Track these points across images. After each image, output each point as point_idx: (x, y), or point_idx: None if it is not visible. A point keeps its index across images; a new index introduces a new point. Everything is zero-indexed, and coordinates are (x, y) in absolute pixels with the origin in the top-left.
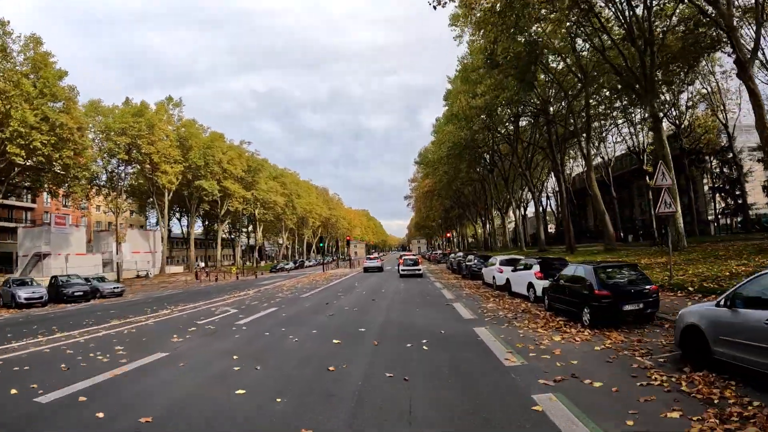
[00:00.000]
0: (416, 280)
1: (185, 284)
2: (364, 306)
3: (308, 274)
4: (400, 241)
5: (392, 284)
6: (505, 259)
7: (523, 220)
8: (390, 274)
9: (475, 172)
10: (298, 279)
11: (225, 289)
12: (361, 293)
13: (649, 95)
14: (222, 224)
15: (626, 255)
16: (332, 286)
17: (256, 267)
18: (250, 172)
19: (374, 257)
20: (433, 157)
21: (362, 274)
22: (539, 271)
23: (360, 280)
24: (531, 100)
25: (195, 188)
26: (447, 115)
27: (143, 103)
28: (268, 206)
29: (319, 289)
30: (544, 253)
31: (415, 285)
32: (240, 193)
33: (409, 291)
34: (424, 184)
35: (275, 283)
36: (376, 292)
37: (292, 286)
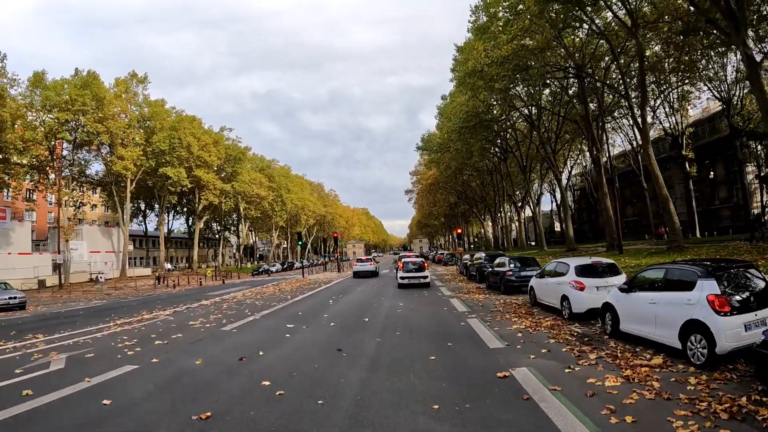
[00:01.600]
0: (422, 293)
1: (135, 291)
2: (313, 375)
3: (282, 281)
4: (401, 241)
5: (385, 303)
6: (582, 264)
7: (533, 216)
8: (386, 283)
9: (487, 155)
10: (262, 289)
11: (155, 301)
12: (326, 327)
13: (740, 32)
14: (200, 221)
15: (734, 253)
16: (293, 304)
17: (240, 268)
18: (229, 161)
19: (366, 259)
20: (441, 138)
21: (349, 281)
22: (721, 296)
23: (341, 292)
24: (566, 64)
25: (160, 177)
26: (459, 77)
27: (91, 73)
28: (251, 200)
29: (267, 312)
30: (577, 253)
31: (422, 307)
32: (215, 184)
33: (413, 324)
34: (427, 176)
35: (229, 295)
36: (356, 323)
37: (241, 301)
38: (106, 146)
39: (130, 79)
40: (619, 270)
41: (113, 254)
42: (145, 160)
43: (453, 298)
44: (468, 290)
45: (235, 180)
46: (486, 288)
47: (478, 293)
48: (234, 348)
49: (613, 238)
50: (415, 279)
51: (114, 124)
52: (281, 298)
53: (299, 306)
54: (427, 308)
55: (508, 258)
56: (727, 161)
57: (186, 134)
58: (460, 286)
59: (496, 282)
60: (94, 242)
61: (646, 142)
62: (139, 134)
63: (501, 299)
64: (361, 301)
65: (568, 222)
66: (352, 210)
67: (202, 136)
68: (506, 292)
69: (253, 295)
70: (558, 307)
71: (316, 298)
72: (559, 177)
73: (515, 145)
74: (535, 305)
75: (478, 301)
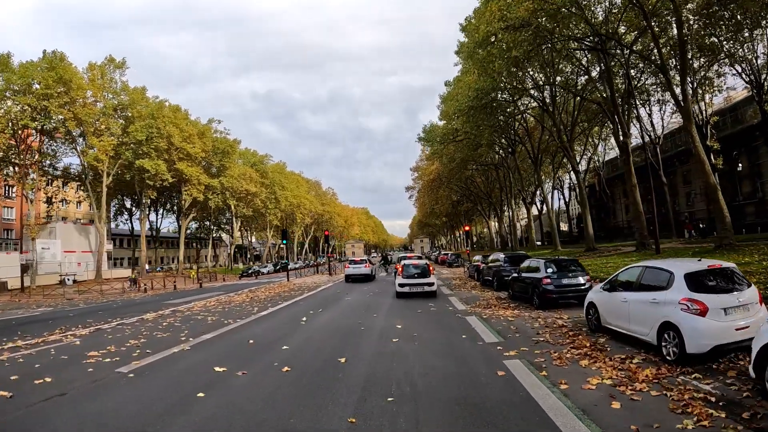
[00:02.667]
0: (427, 306)
1: (100, 295)
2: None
3: (263, 286)
4: (402, 241)
5: (377, 325)
6: (696, 272)
7: (540, 214)
8: (382, 289)
9: (496, 145)
10: (233, 297)
11: (99, 311)
12: (275, 375)
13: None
14: (186, 219)
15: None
16: (252, 323)
17: (231, 269)
18: (217, 155)
19: (360, 260)
20: (444, 129)
21: (339, 287)
22: None
23: (322, 305)
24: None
25: (137, 170)
26: (467, 51)
27: (58, 54)
28: (241, 197)
29: (209, 336)
30: (598, 253)
31: (429, 332)
32: (200, 179)
33: (417, 372)
34: (429, 171)
35: (190, 304)
36: (323, 370)
37: (190, 316)
38: (79, 136)
39: (107, 64)
40: (745, 279)
41: (90, 254)
42: (123, 151)
43: (470, 315)
44: (487, 302)
45: (223, 175)
46: (509, 299)
47: (501, 307)
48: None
49: (643, 236)
50: (417, 287)
51: (84, 110)
52: (244, 311)
53: (258, 327)
54: (436, 335)
55: (544, 261)
56: (751, 153)
57: (166, 123)
58: (474, 296)
59: (524, 291)
60: (69, 241)
61: (689, 121)
62: (115, 123)
63: (538, 318)
64: (343, 321)
65: (587, 218)
66: (351, 209)
67: (185, 126)
68: (542, 306)
69: (214, 306)
70: (649, 340)
71: (287, 313)
72: (577, 168)
73: (525, 135)
74: (597, 330)
75: (506, 320)
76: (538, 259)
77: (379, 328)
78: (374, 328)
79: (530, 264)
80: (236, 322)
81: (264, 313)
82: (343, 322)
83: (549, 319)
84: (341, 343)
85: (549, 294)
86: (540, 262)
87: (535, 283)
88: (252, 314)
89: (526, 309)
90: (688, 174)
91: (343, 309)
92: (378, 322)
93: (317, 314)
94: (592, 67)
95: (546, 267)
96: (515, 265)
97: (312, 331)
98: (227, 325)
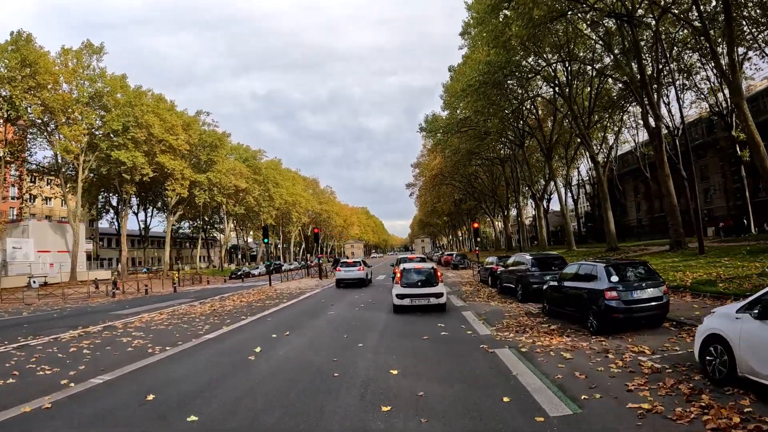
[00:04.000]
0: (436, 328)
1: (62, 299)
2: None
3: (242, 292)
4: (403, 241)
5: (360, 368)
6: None
7: (545, 213)
8: (377, 300)
9: (505, 135)
10: (195, 307)
11: (25, 324)
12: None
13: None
14: (173, 216)
15: None
16: (184, 353)
17: (222, 270)
18: (204, 148)
19: (353, 262)
20: (448, 119)
21: (326, 295)
22: None
23: (294, 324)
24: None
25: (114, 163)
26: (478, 17)
27: (21, 34)
28: (229, 193)
29: (110, 377)
30: (622, 252)
31: (446, 388)
32: (183, 173)
33: None
34: (431, 166)
35: (137, 317)
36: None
37: (115, 338)
38: (47, 125)
39: (84, 50)
40: None
41: (68, 254)
42: (100, 142)
43: (501, 347)
44: (517, 320)
45: (210, 170)
46: (545, 314)
47: (540, 330)
48: None
49: (679, 234)
50: (421, 298)
51: (54, 97)
52: (188, 331)
53: (182, 365)
54: (458, 394)
55: (604, 266)
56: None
57: (144, 112)
58: (496, 310)
59: (569, 306)
60: (43, 240)
61: (739, 96)
62: (92, 113)
63: (607, 353)
64: (311, 358)
65: (609, 214)
66: (350, 208)
67: (168, 116)
68: (603, 329)
69: (160, 321)
70: None
71: (240, 339)
72: (596, 158)
73: (536, 125)
74: (726, 383)
75: (559, 356)
76: (594, 263)
77: (363, 377)
78: (355, 377)
79: (580, 269)
80: (160, 353)
81: (209, 337)
82: (310, 360)
83: (624, 354)
84: (292, 412)
85: (615, 313)
86: (598, 267)
87: (592, 297)
88: (194, 337)
89: (578, 333)
90: (706, 169)
91: (320, 332)
92: (363, 360)
93: (279, 341)
94: (615, 43)
95: (608, 274)
96: (545, 269)
97: (256, 378)
98: (144, 358)
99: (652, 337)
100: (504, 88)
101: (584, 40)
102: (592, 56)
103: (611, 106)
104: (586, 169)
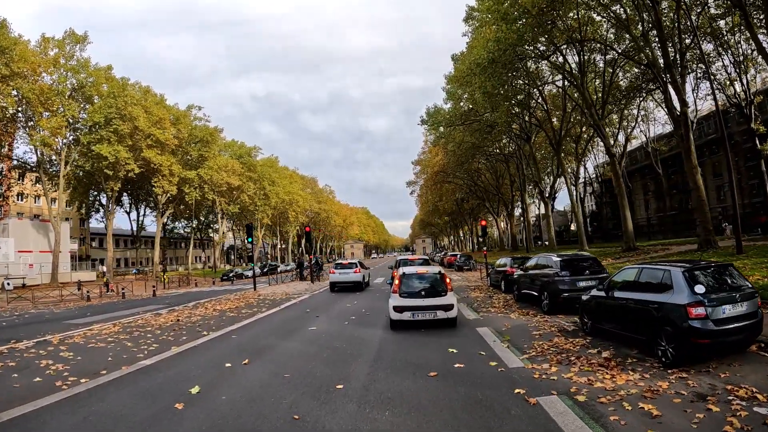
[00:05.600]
0: (445, 357)
1: (32, 304)
2: None
3: (217, 298)
4: (403, 242)
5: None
6: None
7: (552, 210)
8: (373, 308)
9: (512, 127)
10: (160, 317)
11: None
12: None
13: None
14: (162, 216)
15: None
16: (90, 393)
17: (214, 272)
18: (195, 143)
19: (348, 264)
20: (451, 111)
21: (315, 301)
22: None
23: (263, 346)
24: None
25: (95, 158)
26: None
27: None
28: (221, 190)
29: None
30: (642, 252)
31: None
32: (171, 168)
33: None
34: (433, 162)
35: (95, 327)
36: None
37: (75, 343)
38: (28, 117)
39: (67, 38)
40: None
41: (51, 254)
42: (82, 136)
43: (552, 395)
44: (552, 342)
45: (201, 166)
46: (582, 332)
47: (591, 358)
48: None
49: (708, 231)
50: (426, 311)
51: (30, 86)
52: (125, 355)
53: (81, 412)
54: None
55: (682, 271)
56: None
57: (128, 103)
58: (520, 326)
59: (619, 323)
60: (25, 239)
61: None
62: (74, 105)
63: (710, 399)
64: (265, 408)
65: (626, 211)
66: (350, 208)
67: (155, 109)
68: (681, 359)
69: (110, 334)
70: None
71: (185, 366)
72: (612, 149)
73: (545, 116)
74: None
75: (643, 409)
76: (665, 267)
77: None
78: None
79: (641, 275)
80: (68, 388)
81: (146, 363)
82: (260, 414)
83: (732, 403)
84: None
85: (701, 338)
86: (674, 273)
87: (665, 315)
88: (128, 363)
89: (642, 364)
90: (718, 166)
91: (290, 359)
92: (340, 419)
93: (231, 376)
94: (633, 24)
95: (690, 282)
96: (578, 273)
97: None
98: (33, 400)
99: (750, 370)
100: (515, 68)
101: (597, 26)
102: (605, 40)
103: (628, 93)
104: (593, 166)
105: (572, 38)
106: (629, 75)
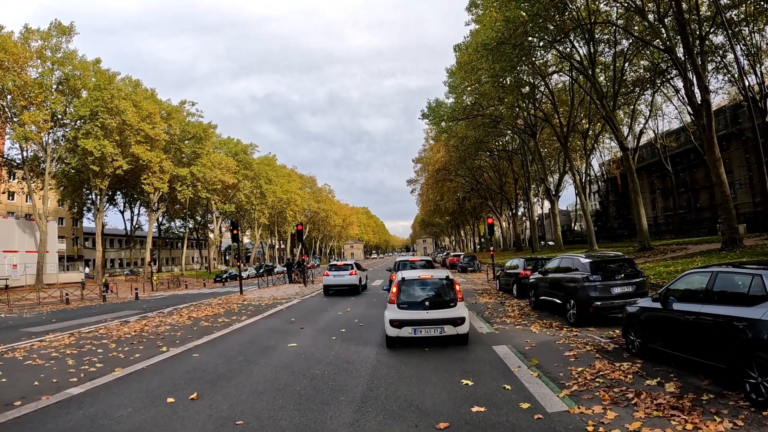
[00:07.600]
0: (462, 402)
1: (7, 306)
2: None
3: (196, 303)
4: (404, 242)
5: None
6: None
7: (549, 212)
8: (366, 316)
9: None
10: (130, 323)
11: None
12: None
13: None
14: (154, 214)
15: None
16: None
17: (208, 273)
18: (188, 140)
19: (344, 265)
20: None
21: (302, 309)
22: None
23: (230, 368)
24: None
25: (81, 153)
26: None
27: None
28: (215, 188)
29: None
30: (652, 253)
31: None
32: (161, 165)
33: None
34: (435, 159)
35: (48, 337)
36: None
37: (9, 359)
38: (10, 110)
39: (52, 29)
40: None
41: (41, 255)
42: (70, 131)
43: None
44: (595, 368)
45: (194, 164)
46: (628, 352)
47: (657, 396)
48: None
49: (733, 229)
50: (430, 327)
51: (10, 77)
52: (46, 383)
53: None
54: None
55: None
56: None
57: (116, 97)
58: (546, 343)
59: (688, 344)
60: (10, 239)
61: None
62: (61, 98)
63: None
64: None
65: (641, 208)
66: (349, 208)
67: (145, 104)
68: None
69: (55, 348)
70: None
71: (114, 402)
72: (625, 143)
73: (552, 111)
74: None
75: None
76: (754, 268)
77: None
78: None
79: (716, 281)
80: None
81: (74, 393)
82: None
83: None
84: None
85: None
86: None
87: (761, 338)
88: (49, 392)
89: (726, 403)
90: (729, 162)
91: (251, 396)
92: None
93: (168, 420)
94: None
95: None
96: (611, 277)
97: None
98: None
99: None
100: (525, 50)
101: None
102: (617, 24)
103: (640, 84)
104: (598, 164)
105: (582, 24)
106: (639, 68)
